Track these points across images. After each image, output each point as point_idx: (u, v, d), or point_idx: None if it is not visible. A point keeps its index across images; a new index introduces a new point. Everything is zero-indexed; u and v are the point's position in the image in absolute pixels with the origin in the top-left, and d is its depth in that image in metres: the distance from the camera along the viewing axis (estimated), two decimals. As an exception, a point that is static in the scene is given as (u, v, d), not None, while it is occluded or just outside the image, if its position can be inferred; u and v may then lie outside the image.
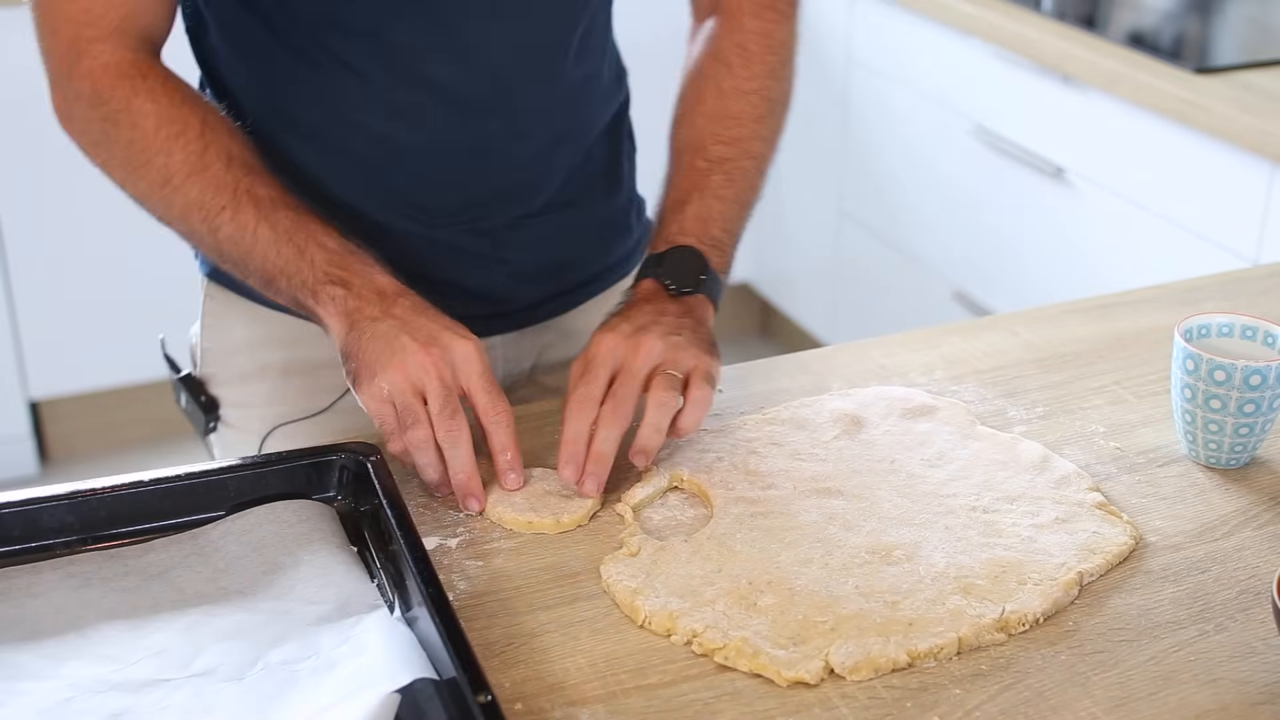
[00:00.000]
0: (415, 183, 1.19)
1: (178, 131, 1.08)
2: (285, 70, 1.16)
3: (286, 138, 1.18)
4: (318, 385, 1.26)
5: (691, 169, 1.20)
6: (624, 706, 0.86)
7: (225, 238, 1.09)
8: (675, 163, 1.22)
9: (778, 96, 1.25)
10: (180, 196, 1.09)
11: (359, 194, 1.19)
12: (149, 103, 1.09)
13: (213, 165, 1.08)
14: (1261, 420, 1.08)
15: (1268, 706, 0.86)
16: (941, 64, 2.62)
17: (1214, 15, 2.52)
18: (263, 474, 1.03)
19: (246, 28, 1.15)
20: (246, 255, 1.09)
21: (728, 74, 1.23)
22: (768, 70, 1.23)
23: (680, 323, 1.09)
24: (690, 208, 1.18)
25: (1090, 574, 0.97)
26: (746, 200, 1.23)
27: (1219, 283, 1.43)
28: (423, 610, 0.88)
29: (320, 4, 1.12)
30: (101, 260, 2.81)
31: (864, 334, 2.73)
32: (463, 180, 1.20)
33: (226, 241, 1.09)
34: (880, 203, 2.89)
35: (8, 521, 0.97)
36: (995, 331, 1.31)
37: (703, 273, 1.14)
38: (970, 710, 0.86)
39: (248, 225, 1.08)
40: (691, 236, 1.16)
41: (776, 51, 1.24)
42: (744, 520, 1.02)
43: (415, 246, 1.20)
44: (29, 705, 0.84)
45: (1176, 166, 2.14)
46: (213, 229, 1.09)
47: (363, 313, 1.05)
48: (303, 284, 1.07)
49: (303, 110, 1.17)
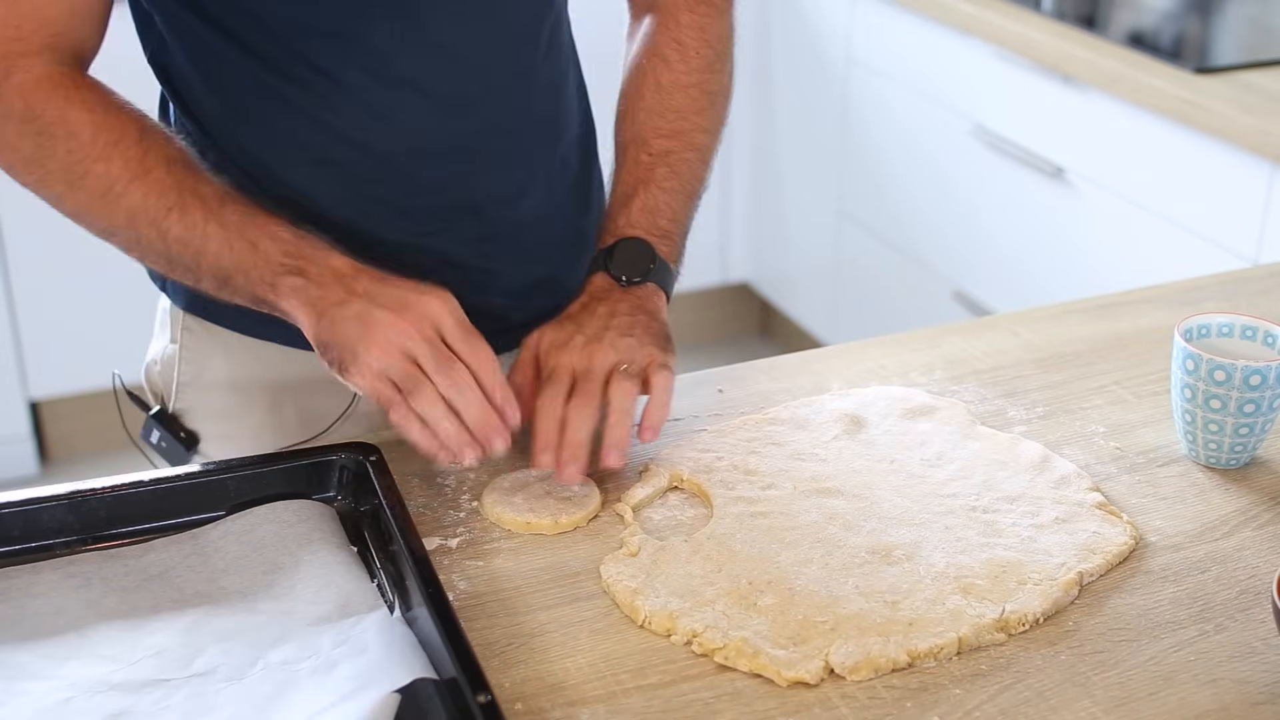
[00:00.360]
0: (402, 187, 1.18)
1: (115, 139, 1.06)
2: (258, 85, 1.14)
3: (267, 156, 1.16)
4: (310, 412, 1.24)
5: (635, 163, 1.22)
6: (624, 706, 0.86)
7: (174, 239, 1.06)
8: (620, 159, 1.24)
9: (717, 89, 1.27)
10: (124, 203, 1.06)
11: (347, 206, 1.18)
12: (84, 113, 1.07)
13: (155, 169, 1.06)
14: (1261, 420, 1.08)
15: (1268, 706, 0.86)
16: (941, 64, 2.62)
17: (1214, 15, 2.52)
18: (263, 474, 1.03)
19: (213, 48, 1.13)
20: (198, 256, 1.07)
21: (665, 68, 1.24)
22: (705, 64, 1.25)
23: (633, 321, 1.11)
24: (636, 201, 1.20)
25: (1090, 574, 0.97)
26: (691, 191, 1.24)
27: (1219, 283, 1.43)
28: (423, 610, 0.88)
29: (289, 9, 1.11)
30: (101, 260, 2.78)
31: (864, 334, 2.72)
32: (448, 181, 1.19)
33: (176, 244, 1.07)
34: (880, 203, 2.89)
35: (8, 521, 0.97)
36: (995, 331, 1.31)
37: (651, 262, 1.16)
38: (970, 710, 0.86)
39: (196, 225, 1.06)
40: (639, 229, 1.18)
41: (712, 45, 1.26)
42: (744, 520, 1.02)
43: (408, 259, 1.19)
44: (29, 705, 0.84)
45: (1176, 166, 2.14)
46: (161, 233, 1.07)
47: (327, 299, 1.03)
48: (260, 278, 1.05)
49: (280, 125, 1.15)
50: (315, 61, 1.13)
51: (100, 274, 2.81)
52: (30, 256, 2.75)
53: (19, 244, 2.73)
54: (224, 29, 1.12)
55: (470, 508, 1.05)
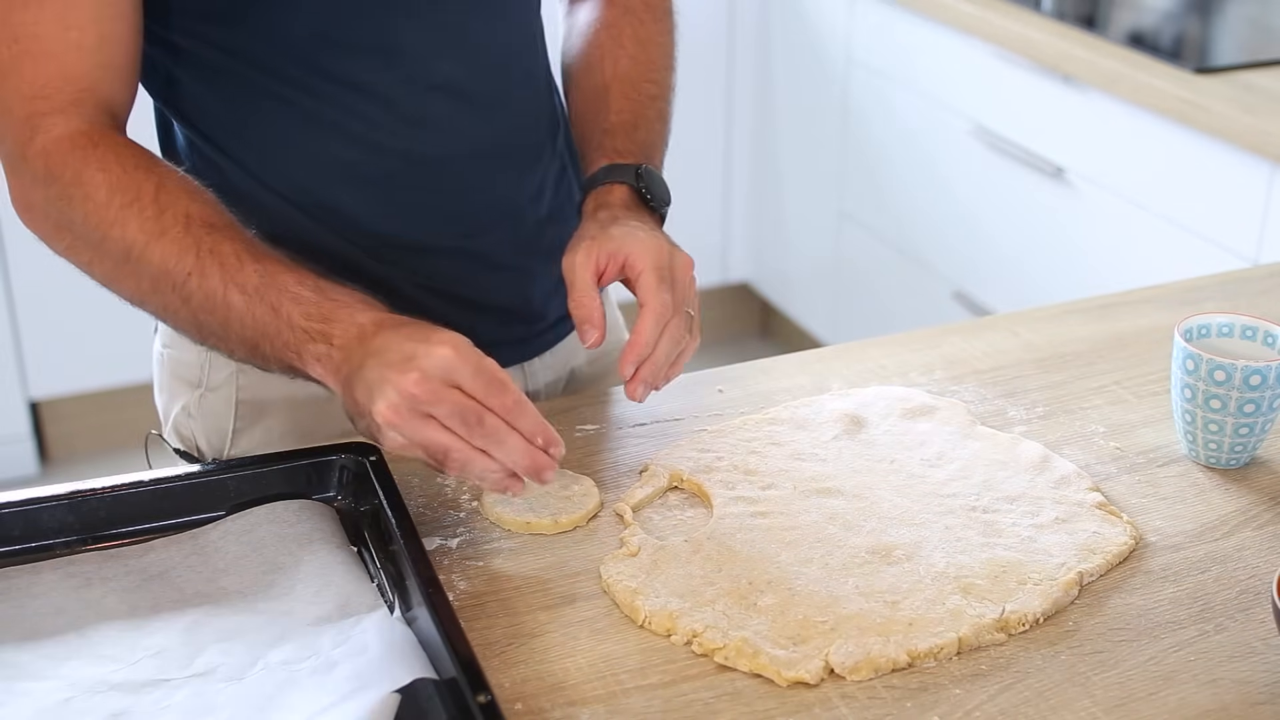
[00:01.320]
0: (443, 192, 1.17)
1: (131, 199, 1.02)
2: (286, 112, 1.11)
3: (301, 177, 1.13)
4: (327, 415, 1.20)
5: (628, 99, 1.22)
6: (624, 706, 0.86)
7: (198, 306, 1.01)
8: (607, 90, 1.23)
9: (674, 56, 1.30)
10: (145, 268, 1.02)
11: (394, 220, 1.16)
12: (99, 173, 1.02)
13: (171, 229, 1.01)
14: (1261, 420, 1.08)
15: (1268, 706, 0.86)
16: (941, 64, 2.62)
17: (1214, 15, 2.52)
18: (263, 474, 1.03)
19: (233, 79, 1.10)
20: (224, 324, 1.01)
21: (639, 25, 1.26)
22: (669, 29, 1.29)
23: (685, 260, 1.11)
24: (639, 134, 1.20)
25: (1090, 574, 0.97)
26: (666, 141, 1.25)
27: (1219, 283, 1.43)
28: (423, 610, 0.88)
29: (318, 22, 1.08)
30: (101, 260, 2.81)
31: (864, 334, 2.73)
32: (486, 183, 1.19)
33: (201, 311, 1.02)
34: (880, 203, 2.89)
35: (8, 521, 0.97)
36: (995, 331, 1.31)
37: (668, 197, 1.17)
38: (970, 710, 0.86)
39: (216, 291, 1.00)
40: (649, 160, 1.18)
41: (670, 15, 1.30)
42: (744, 520, 1.02)
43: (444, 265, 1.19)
44: (29, 705, 0.84)
45: (1176, 166, 2.14)
46: (184, 298, 1.02)
47: (348, 363, 0.97)
48: (285, 345, 1.00)
49: (314, 149, 1.12)
50: (348, 77, 1.11)
51: (100, 274, 2.81)
52: (30, 256, 2.74)
53: (19, 244, 2.73)
54: (246, 56, 1.09)
55: (470, 508, 1.05)
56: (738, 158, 3.27)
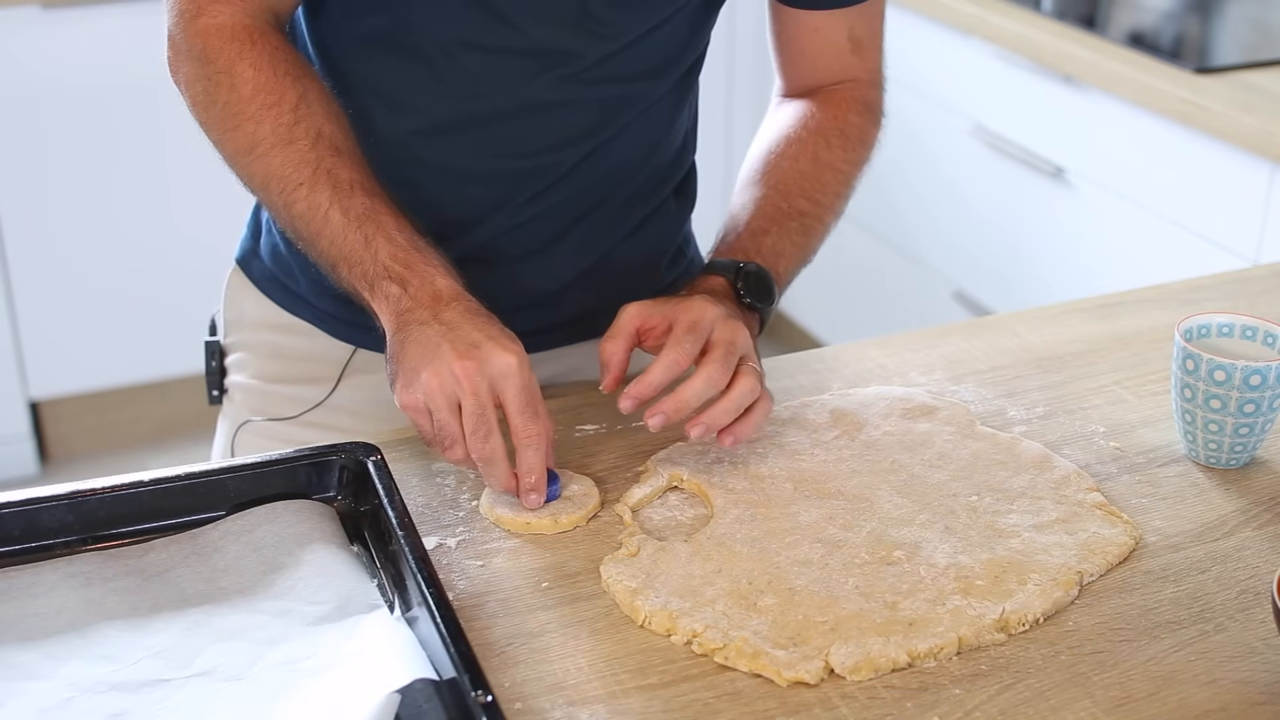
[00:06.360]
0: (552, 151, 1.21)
1: (273, 102, 1.08)
2: (419, 73, 1.16)
3: (399, 153, 1.19)
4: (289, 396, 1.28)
5: (775, 207, 1.24)
6: (624, 706, 0.86)
7: (298, 215, 1.08)
8: (758, 194, 1.25)
9: (854, 186, 1.32)
10: (261, 166, 1.08)
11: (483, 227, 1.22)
12: (250, 69, 1.08)
13: (299, 140, 1.07)
14: (1261, 420, 1.08)
15: (1268, 706, 0.86)
16: (942, 64, 2.62)
17: (1214, 15, 2.52)
18: (263, 474, 1.02)
19: (378, 28, 1.16)
20: (316, 236, 1.07)
21: (826, 148, 1.28)
22: (859, 160, 1.31)
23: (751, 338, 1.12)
24: (769, 239, 1.21)
25: (1090, 574, 0.97)
26: (806, 258, 1.27)
27: (1219, 283, 1.43)
28: (423, 610, 0.88)
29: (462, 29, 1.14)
30: (102, 260, 2.81)
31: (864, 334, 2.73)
32: (582, 150, 1.22)
33: (299, 219, 1.08)
34: (880, 203, 2.89)
35: (8, 521, 0.97)
36: (995, 331, 1.31)
37: (770, 298, 1.17)
38: (970, 710, 0.86)
39: (320, 206, 1.06)
40: (770, 266, 1.19)
41: (868, 148, 1.33)
42: (744, 520, 1.02)
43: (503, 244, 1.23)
44: (29, 705, 0.84)
45: (1177, 167, 2.14)
46: (287, 204, 1.08)
47: (413, 315, 1.02)
48: (363, 274, 1.06)
49: (423, 101, 1.18)
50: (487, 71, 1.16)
51: (100, 274, 2.81)
52: (30, 256, 2.75)
53: (19, 244, 2.74)
54: (387, 41, 1.16)
55: (470, 508, 1.05)
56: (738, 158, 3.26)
